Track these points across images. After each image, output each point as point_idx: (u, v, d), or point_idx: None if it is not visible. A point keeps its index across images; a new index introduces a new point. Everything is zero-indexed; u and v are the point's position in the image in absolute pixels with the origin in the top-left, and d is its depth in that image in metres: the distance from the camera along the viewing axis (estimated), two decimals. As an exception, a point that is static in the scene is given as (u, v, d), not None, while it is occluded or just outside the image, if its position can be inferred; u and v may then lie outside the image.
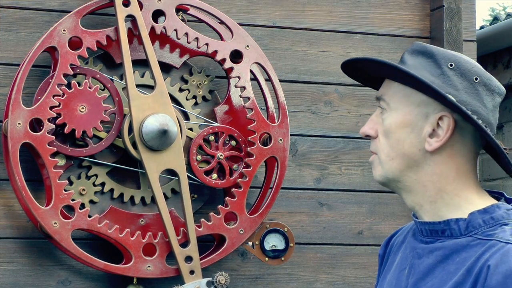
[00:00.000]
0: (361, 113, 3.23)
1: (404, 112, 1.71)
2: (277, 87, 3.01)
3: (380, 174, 1.74)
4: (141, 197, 2.96)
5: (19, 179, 2.73)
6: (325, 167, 3.19)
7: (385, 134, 1.72)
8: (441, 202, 1.70)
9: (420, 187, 1.71)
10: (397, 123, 1.71)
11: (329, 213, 3.19)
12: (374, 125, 1.75)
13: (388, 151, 1.72)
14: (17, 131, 2.72)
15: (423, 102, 1.69)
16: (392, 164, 1.72)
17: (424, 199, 1.72)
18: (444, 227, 1.69)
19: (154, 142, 2.80)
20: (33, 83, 2.85)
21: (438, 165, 1.70)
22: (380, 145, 1.73)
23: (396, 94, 1.72)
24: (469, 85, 1.68)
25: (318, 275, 3.16)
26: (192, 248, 2.85)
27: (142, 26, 2.85)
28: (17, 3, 2.92)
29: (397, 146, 1.71)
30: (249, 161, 2.94)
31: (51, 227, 2.74)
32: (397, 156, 1.71)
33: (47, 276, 2.89)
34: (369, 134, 1.75)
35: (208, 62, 3.04)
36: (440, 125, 1.68)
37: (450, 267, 1.65)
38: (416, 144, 1.70)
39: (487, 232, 1.65)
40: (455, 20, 3.24)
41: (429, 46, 1.73)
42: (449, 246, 1.67)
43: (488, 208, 1.68)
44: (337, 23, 3.24)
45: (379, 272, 1.93)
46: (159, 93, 2.84)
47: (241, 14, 3.13)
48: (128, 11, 2.85)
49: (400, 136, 1.71)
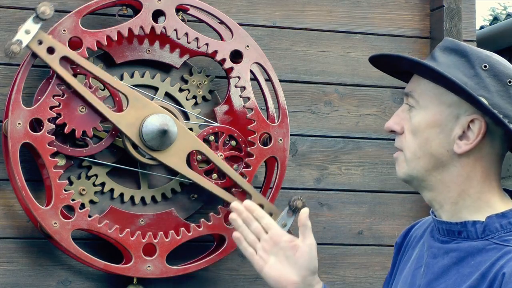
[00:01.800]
0: (361, 113, 3.23)
1: (434, 112, 1.68)
2: (277, 87, 3.01)
3: (404, 172, 1.72)
4: (141, 197, 2.96)
5: (19, 179, 2.73)
6: (325, 167, 3.19)
7: (413, 132, 1.69)
8: (462, 204, 1.68)
9: (443, 187, 1.69)
10: (426, 122, 1.68)
11: (329, 213, 3.19)
12: (400, 121, 1.72)
13: (415, 150, 1.69)
14: (17, 131, 2.72)
15: (454, 103, 1.67)
16: (418, 163, 1.69)
17: (445, 199, 1.70)
18: (461, 228, 1.67)
19: (154, 142, 2.80)
20: (33, 83, 2.85)
21: (464, 167, 1.67)
22: (407, 142, 1.70)
23: (427, 93, 1.69)
24: (502, 88, 1.66)
25: (318, 275, 3.15)
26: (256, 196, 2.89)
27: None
28: (17, 3, 2.91)
29: (425, 145, 1.68)
30: (249, 161, 2.94)
31: (51, 227, 2.74)
32: (424, 156, 1.69)
33: (47, 276, 2.89)
34: (394, 129, 1.72)
35: (208, 62, 3.04)
36: (471, 128, 1.66)
37: (465, 270, 1.63)
38: (445, 145, 1.67)
39: (504, 237, 1.63)
40: (455, 20, 3.24)
41: (462, 44, 1.69)
42: (464, 248, 1.65)
43: (506, 212, 1.66)
44: (337, 23, 3.24)
45: (394, 261, 1.91)
46: (133, 101, 2.82)
47: (241, 14, 3.13)
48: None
49: (429, 135, 1.68)
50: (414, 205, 3.23)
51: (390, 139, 3.14)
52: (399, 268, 1.85)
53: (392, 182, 3.23)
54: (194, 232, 2.89)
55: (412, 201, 3.22)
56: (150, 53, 2.97)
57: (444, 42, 1.71)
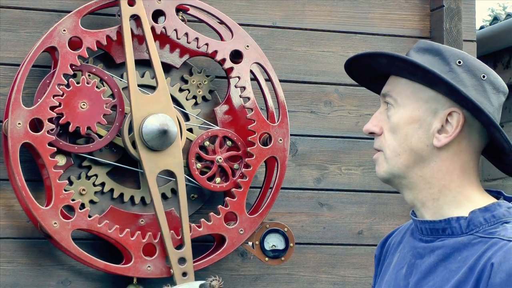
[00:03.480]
0: (361, 113, 3.23)
1: (412, 108, 1.70)
2: (277, 87, 3.01)
3: (385, 170, 1.73)
4: (141, 197, 2.96)
5: (19, 179, 2.73)
6: (325, 167, 3.19)
7: (392, 130, 1.71)
8: (443, 200, 1.70)
9: (424, 183, 1.71)
10: (405, 119, 1.70)
11: (329, 213, 3.19)
12: (378, 122, 1.75)
13: (394, 147, 1.71)
14: (17, 131, 2.72)
15: (431, 98, 1.69)
16: (398, 160, 1.71)
17: (427, 196, 1.71)
18: (445, 225, 1.69)
19: (154, 142, 2.80)
20: (33, 83, 2.85)
21: (444, 162, 1.69)
22: (386, 141, 1.72)
23: (404, 90, 1.71)
24: (477, 82, 1.68)
25: (318, 275, 3.16)
26: (186, 251, 2.84)
27: (146, 25, 2.85)
28: (17, 3, 2.92)
29: (404, 141, 1.70)
30: (249, 161, 2.94)
31: (51, 227, 2.74)
32: (404, 152, 1.70)
33: (47, 276, 2.89)
34: (373, 131, 1.74)
35: (208, 62, 3.04)
36: (449, 121, 1.68)
37: (452, 266, 1.64)
38: (424, 140, 1.69)
39: (488, 230, 1.65)
40: (455, 20, 3.24)
41: (435, 43, 1.72)
42: (450, 244, 1.67)
43: (489, 206, 1.68)
44: (337, 23, 3.24)
45: (375, 273, 1.93)
46: (161, 93, 2.84)
47: (241, 14, 3.13)
48: (133, 10, 2.85)
49: (408, 131, 1.70)
50: (414, 205, 3.23)
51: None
52: (380, 276, 1.87)
53: (392, 182, 3.23)
54: (194, 232, 2.89)
55: (412, 201, 3.22)
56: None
57: (418, 43, 1.76)
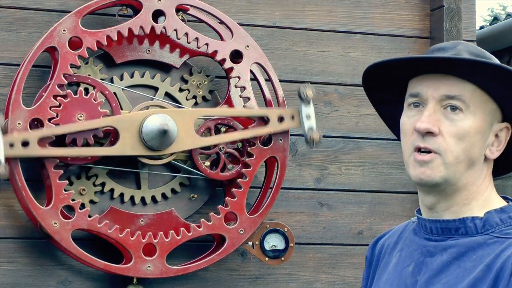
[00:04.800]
0: (361, 113, 3.23)
1: (482, 118, 1.69)
2: (277, 87, 3.01)
3: (441, 176, 1.68)
4: (141, 197, 2.96)
5: (19, 179, 2.73)
6: (325, 167, 3.19)
7: (458, 136, 1.68)
8: (474, 204, 1.70)
9: (463, 189, 1.70)
10: (475, 128, 1.68)
11: (329, 213, 3.19)
12: (436, 122, 1.69)
13: (458, 154, 1.68)
14: (17, 131, 2.72)
15: (494, 110, 1.70)
16: (457, 167, 1.68)
17: (458, 202, 1.70)
18: (459, 225, 1.68)
19: (154, 142, 2.80)
20: (33, 83, 2.85)
21: (482, 170, 1.72)
22: (448, 145, 1.68)
23: (475, 98, 1.69)
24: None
25: (318, 275, 3.16)
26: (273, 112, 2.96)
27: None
28: (17, 3, 2.92)
29: (469, 150, 1.68)
30: (249, 161, 2.94)
31: (51, 227, 2.74)
32: (465, 160, 1.69)
33: (47, 276, 2.89)
34: (433, 131, 1.68)
35: (208, 62, 3.04)
36: (499, 135, 1.71)
37: (466, 264, 1.64)
38: (482, 150, 1.70)
39: (505, 230, 1.65)
40: (455, 20, 3.24)
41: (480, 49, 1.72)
42: (464, 243, 1.66)
43: (505, 207, 1.69)
44: (337, 23, 3.24)
45: (366, 274, 1.92)
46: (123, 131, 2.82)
47: (241, 14, 3.13)
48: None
49: (475, 140, 1.68)
50: (414, 205, 3.23)
51: (390, 139, 3.15)
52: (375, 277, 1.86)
53: (392, 182, 3.24)
54: (194, 232, 2.89)
55: (412, 201, 3.22)
56: (150, 53, 2.97)
57: (465, 46, 1.72)
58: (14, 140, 2.70)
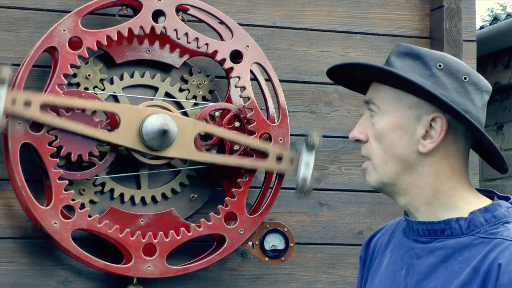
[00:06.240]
0: (361, 113, 3.23)
1: (396, 115, 1.70)
2: (277, 87, 3.01)
3: (375, 180, 1.74)
4: (141, 197, 2.96)
5: (19, 179, 2.73)
6: (325, 167, 3.19)
7: (377, 138, 1.71)
8: (438, 203, 1.70)
9: (415, 189, 1.71)
10: (389, 126, 1.70)
11: (329, 213, 3.19)
12: (363, 129, 1.74)
13: (381, 155, 1.71)
14: (17, 131, 2.72)
15: (414, 104, 1.69)
16: (386, 168, 1.71)
17: (419, 201, 1.72)
18: (444, 226, 1.68)
19: (154, 142, 2.80)
20: (33, 83, 2.85)
21: (432, 166, 1.70)
22: (372, 149, 1.72)
23: (386, 97, 1.71)
24: (458, 84, 1.68)
25: (318, 275, 3.16)
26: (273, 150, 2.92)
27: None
28: (17, 3, 2.92)
29: (390, 149, 1.70)
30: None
31: (51, 227, 2.74)
32: (391, 160, 1.70)
33: (47, 276, 2.89)
34: (359, 138, 1.74)
35: (208, 62, 3.04)
36: (433, 126, 1.68)
37: (454, 267, 1.64)
38: (410, 146, 1.69)
39: (490, 230, 1.65)
40: (455, 20, 3.24)
41: (415, 47, 1.72)
42: (450, 245, 1.67)
43: (489, 206, 1.68)
44: (337, 23, 3.24)
45: (361, 274, 1.92)
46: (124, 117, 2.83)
47: (241, 14, 3.13)
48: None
49: (393, 139, 1.70)
50: (414, 205, 3.24)
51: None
52: (369, 277, 1.86)
53: (392, 182, 3.23)
54: (194, 232, 2.89)
55: (412, 201, 3.22)
56: (150, 53, 2.97)
57: (398, 47, 1.75)
58: (18, 97, 2.69)
